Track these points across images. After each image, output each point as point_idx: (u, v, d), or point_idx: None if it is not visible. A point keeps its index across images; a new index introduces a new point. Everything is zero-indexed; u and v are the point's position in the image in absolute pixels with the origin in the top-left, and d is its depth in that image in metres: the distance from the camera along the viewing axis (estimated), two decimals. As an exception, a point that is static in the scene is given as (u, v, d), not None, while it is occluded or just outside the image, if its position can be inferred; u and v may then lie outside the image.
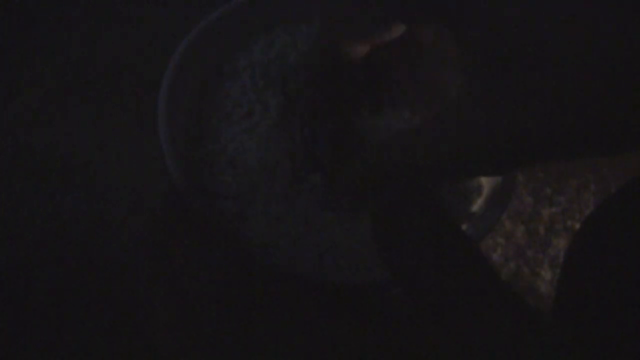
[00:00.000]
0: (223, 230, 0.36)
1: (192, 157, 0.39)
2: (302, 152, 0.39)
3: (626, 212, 0.27)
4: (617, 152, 0.22)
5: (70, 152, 0.44)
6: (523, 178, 0.48)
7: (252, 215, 0.38)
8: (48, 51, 0.48)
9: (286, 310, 0.41)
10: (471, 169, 0.24)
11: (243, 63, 0.42)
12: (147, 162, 0.44)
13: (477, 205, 0.40)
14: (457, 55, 0.25)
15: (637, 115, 0.20)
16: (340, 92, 0.38)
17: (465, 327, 0.24)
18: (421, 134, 0.25)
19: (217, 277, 0.41)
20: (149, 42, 0.49)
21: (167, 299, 0.40)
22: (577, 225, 0.46)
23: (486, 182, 0.40)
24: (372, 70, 0.36)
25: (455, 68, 0.32)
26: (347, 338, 0.41)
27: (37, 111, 0.45)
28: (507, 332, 0.24)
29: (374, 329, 0.41)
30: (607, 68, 0.20)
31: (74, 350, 0.38)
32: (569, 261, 0.28)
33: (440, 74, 0.34)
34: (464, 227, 0.38)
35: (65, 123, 0.45)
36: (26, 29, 0.48)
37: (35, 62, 0.47)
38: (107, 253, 0.41)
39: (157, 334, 0.39)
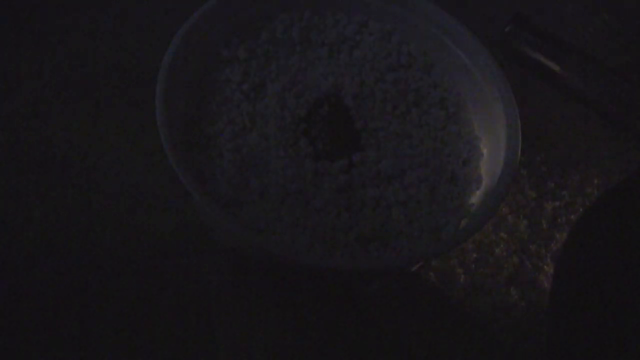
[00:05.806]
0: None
1: (190, 140, 0.39)
2: (299, 130, 0.40)
3: (624, 206, 0.26)
4: None
5: (69, 147, 0.44)
6: (526, 172, 0.48)
7: (248, 201, 0.37)
8: (47, 45, 0.47)
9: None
10: None
11: (244, 49, 0.42)
12: (146, 156, 0.44)
13: (475, 197, 0.39)
14: None
15: None
16: None
17: None
18: None
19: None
20: (149, 37, 0.49)
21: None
22: (580, 220, 0.46)
23: (485, 174, 0.40)
24: None
25: None
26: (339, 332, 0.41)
27: (36, 105, 0.45)
28: None
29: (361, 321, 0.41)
30: None
31: (73, 349, 0.38)
32: (566, 255, 0.28)
33: None
34: (463, 220, 0.38)
35: (64, 117, 0.45)
36: (25, 23, 0.48)
37: (34, 55, 0.47)
38: (108, 249, 0.41)
39: (157, 328, 0.39)
